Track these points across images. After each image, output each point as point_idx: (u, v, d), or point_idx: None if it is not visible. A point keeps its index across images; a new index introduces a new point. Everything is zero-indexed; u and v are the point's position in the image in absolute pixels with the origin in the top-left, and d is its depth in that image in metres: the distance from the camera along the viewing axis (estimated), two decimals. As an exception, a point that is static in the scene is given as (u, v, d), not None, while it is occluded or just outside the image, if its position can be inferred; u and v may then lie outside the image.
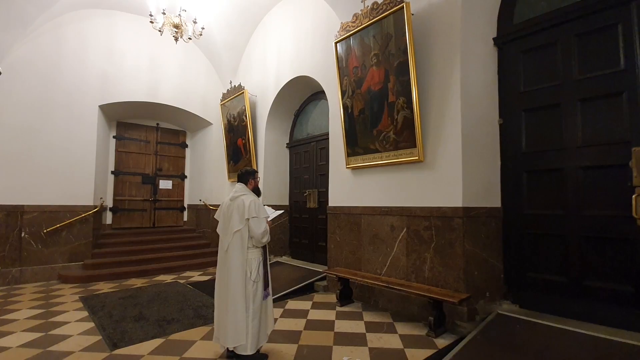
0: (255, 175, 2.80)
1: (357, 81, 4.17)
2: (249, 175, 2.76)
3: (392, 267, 3.80)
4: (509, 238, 3.43)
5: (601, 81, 2.89)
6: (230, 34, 6.71)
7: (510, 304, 3.36)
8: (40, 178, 5.34)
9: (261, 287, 2.56)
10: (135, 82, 6.42)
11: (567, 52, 3.08)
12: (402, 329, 3.24)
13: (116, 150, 7.09)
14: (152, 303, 4.08)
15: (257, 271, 2.52)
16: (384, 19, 3.74)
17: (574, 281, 2.99)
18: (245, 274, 2.49)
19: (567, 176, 3.05)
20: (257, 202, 2.62)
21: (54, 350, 2.78)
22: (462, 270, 3.18)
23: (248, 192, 2.68)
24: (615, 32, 2.83)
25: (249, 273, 2.49)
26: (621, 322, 2.70)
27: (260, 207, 2.60)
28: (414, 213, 3.61)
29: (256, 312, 2.49)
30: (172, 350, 2.78)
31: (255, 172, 2.82)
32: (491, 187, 3.49)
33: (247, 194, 2.65)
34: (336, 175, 4.72)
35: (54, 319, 3.56)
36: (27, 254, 5.18)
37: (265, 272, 2.61)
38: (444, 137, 3.41)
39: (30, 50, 5.30)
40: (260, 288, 2.54)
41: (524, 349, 2.53)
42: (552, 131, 3.17)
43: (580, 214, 2.97)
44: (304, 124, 6.35)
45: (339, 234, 4.54)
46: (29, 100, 5.28)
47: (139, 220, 7.28)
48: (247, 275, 2.49)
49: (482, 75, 3.51)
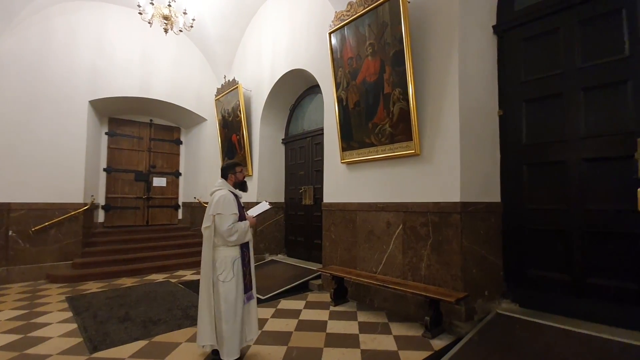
0: (236, 169, 2.62)
1: (352, 72, 4.03)
2: (228, 169, 2.60)
3: (388, 265, 3.66)
4: (508, 234, 3.29)
5: (605, 69, 2.74)
6: (224, 26, 6.56)
7: (509, 302, 3.23)
8: (28, 175, 5.20)
9: (238, 289, 2.40)
10: (127, 76, 6.28)
11: (570, 39, 2.94)
12: (398, 329, 3.11)
13: (108, 147, 6.94)
14: (140, 303, 3.95)
15: (230, 271, 2.37)
16: (379, 7, 3.59)
17: (577, 279, 2.85)
18: (214, 273, 2.37)
19: (570, 169, 2.91)
20: (226, 197, 2.45)
21: (30, 353, 2.65)
22: (460, 268, 3.04)
23: (225, 186, 2.55)
24: (620, 18, 2.69)
25: (219, 272, 2.36)
26: (626, 322, 2.56)
27: (227, 203, 2.43)
28: (411, 209, 3.47)
29: (230, 315, 2.33)
30: (154, 353, 2.64)
31: (236, 165, 2.64)
32: (490, 181, 3.35)
33: (222, 189, 2.52)
34: (331, 171, 4.58)
35: (36, 320, 3.42)
36: (14, 253, 5.04)
37: (245, 273, 2.45)
38: (441, 129, 3.27)
39: (16, 43, 5.14)
40: (234, 289, 2.38)
41: (524, 351, 2.39)
42: (554, 122, 3.03)
43: (583, 208, 2.83)
44: (300, 119, 6.21)
45: (334, 231, 4.40)
46: (15, 94, 5.13)
47: (132, 219, 7.14)
48: (217, 274, 2.36)
49: (481, 64, 3.37)
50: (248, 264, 2.52)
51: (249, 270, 2.51)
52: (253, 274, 2.57)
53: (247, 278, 2.47)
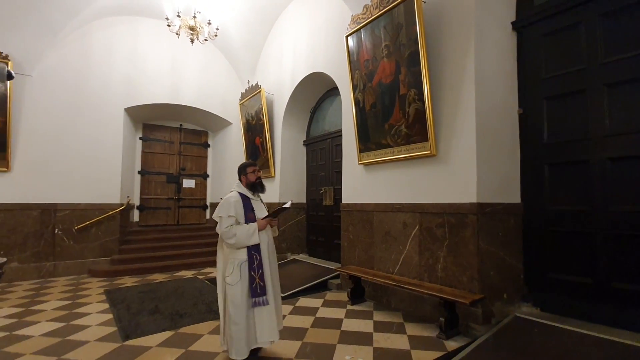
0: (247, 170, 2.58)
1: (368, 74, 4.07)
2: (240, 171, 2.62)
3: (405, 266, 3.67)
4: (529, 236, 3.20)
5: (629, 64, 2.62)
6: (248, 33, 6.80)
7: (530, 306, 3.14)
8: (71, 178, 5.69)
9: (243, 292, 2.36)
10: (158, 84, 6.68)
11: (592, 34, 2.82)
12: (413, 329, 3.12)
13: (142, 151, 7.41)
14: (169, 297, 4.21)
15: (237, 274, 2.36)
16: (394, 9, 3.61)
17: (601, 283, 2.73)
18: (223, 275, 2.42)
19: (593, 168, 2.79)
20: (227, 200, 2.47)
21: (71, 339, 2.94)
22: (476, 270, 3.00)
23: (237, 188, 2.57)
24: (647, 9, 2.55)
25: (227, 274, 2.39)
26: (656, 330, 2.43)
27: (225, 205, 2.43)
28: (427, 210, 3.47)
29: (237, 317, 2.32)
30: (178, 343, 2.85)
31: (247, 166, 2.61)
32: (510, 181, 3.27)
33: (232, 191, 2.55)
34: (349, 172, 4.64)
35: (77, 310, 3.77)
36: (60, 249, 5.54)
37: (252, 277, 2.38)
38: (457, 129, 3.24)
39: (59, 58, 5.64)
40: (239, 293, 2.35)
41: (540, 355, 2.34)
42: (576, 120, 2.92)
43: (607, 209, 2.71)
44: (320, 120, 6.31)
45: (352, 231, 4.46)
46: (58, 105, 5.63)
47: (164, 218, 7.57)
48: (225, 276, 2.40)
49: (500, 62, 3.30)
50: (258, 268, 2.41)
51: (261, 275, 2.41)
52: (268, 277, 2.46)
53: (255, 282, 2.38)
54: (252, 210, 2.51)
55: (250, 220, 2.47)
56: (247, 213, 2.48)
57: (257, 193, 2.64)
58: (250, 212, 2.49)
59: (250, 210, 2.50)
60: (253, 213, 2.51)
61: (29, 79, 5.35)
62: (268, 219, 2.53)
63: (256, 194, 2.64)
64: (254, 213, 2.51)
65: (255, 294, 2.37)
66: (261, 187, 2.66)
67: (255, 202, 2.58)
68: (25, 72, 5.27)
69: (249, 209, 2.49)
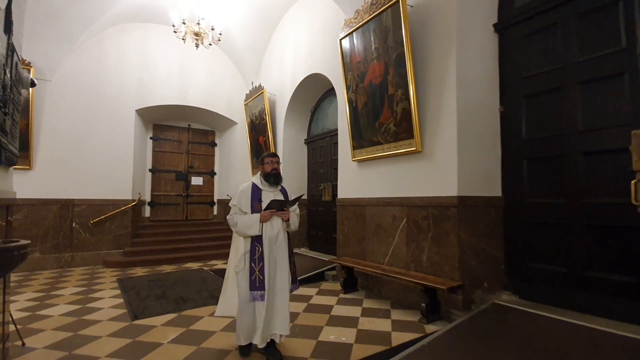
0: (264, 160, 2.57)
1: (360, 75, 4.27)
2: (258, 162, 2.64)
3: (394, 257, 3.87)
4: (509, 227, 3.36)
5: (602, 62, 2.75)
6: (251, 36, 7.08)
7: (510, 294, 3.30)
8: (87, 175, 6.09)
9: (245, 283, 2.38)
10: (167, 87, 7.03)
11: (568, 34, 2.96)
12: (398, 315, 3.33)
13: (153, 150, 7.80)
14: (175, 285, 4.53)
15: (242, 263, 2.43)
16: (382, 13, 3.80)
17: (576, 272, 2.88)
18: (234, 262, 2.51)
19: (568, 163, 2.94)
20: (239, 189, 2.54)
21: (86, 318, 3.27)
22: (457, 260, 3.18)
23: (254, 179, 2.60)
24: (616, 10, 2.68)
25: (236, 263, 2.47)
26: (623, 315, 2.57)
27: (236, 194, 2.51)
28: (414, 203, 3.66)
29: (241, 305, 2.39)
30: (181, 323, 3.13)
31: (266, 157, 2.59)
32: (491, 176, 3.43)
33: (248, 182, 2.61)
34: (344, 168, 4.86)
35: (92, 295, 4.12)
36: (77, 241, 5.94)
37: (252, 268, 2.37)
38: (440, 127, 3.42)
39: (76, 64, 6.05)
40: (244, 283, 2.39)
41: (508, 336, 2.52)
42: (552, 116, 3.06)
43: (581, 201, 2.85)
44: (320, 120, 6.54)
45: (347, 224, 4.68)
46: (76, 108, 6.03)
47: (174, 214, 7.95)
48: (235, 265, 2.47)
49: (481, 63, 3.46)
50: (259, 260, 2.38)
51: (262, 268, 2.37)
52: (269, 272, 2.40)
53: (255, 275, 2.36)
54: (259, 201, 2.47)
55: (256, 211, 2.44)
56: (254, 203, 2.46)
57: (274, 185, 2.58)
58: (257, 203, 2.46)
59: (257, 200, 2.47)
60: (260, 204, 2.46)
61: (49, 83, 5.76)
62: (270, 210, 2.44)
63: (274, 186, 2.58)
64: (260, 204, 2.46)
65: (254, 287, 2.35)
66: (275, 178, 2.56)
67: (266, 194, 2.52)
68: (45, 78, 5.68)
69: (256, 199, 2.47)
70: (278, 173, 2.57)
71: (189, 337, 2.81)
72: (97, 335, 2.86)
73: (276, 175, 2.56)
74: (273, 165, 2.55)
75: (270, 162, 2.55)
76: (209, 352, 2.55)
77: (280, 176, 2.60)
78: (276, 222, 2.49)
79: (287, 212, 2.52)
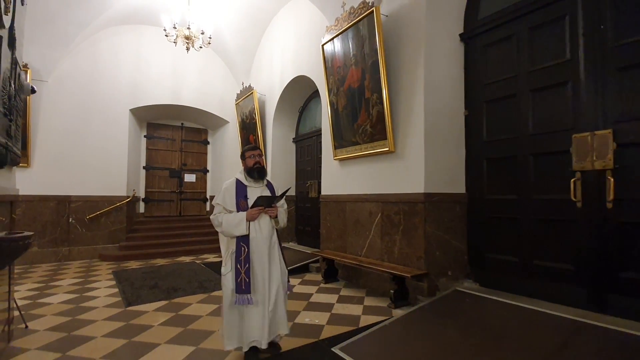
0: (245, 154, 2.44)
1: (340, 80, 4.55)
2: (241, 156, 2.51)
3: (370, 249, 4.18)
4: (472, 221, 3.67)
5: (549, 72, 3.05)
6: (242, 38, 7.32)
7: (471, 282, 3.62)
8: (83, 173, 6.34)
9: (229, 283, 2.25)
10: (160, 87, 7.27)
11: (521, 45, 3.26)
12: (370, 302, 3.64)
13: (147, 148, 8.04)
14: (168, 277, 4.82)
15: (229, 264, 2.29)
16: (359, 22, 4.07)
17: (525, 261, 3.20)
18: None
19: (520, 163, 3.25)
20: (223, 186, 2.40)
21: (83, 305, 3.56)
22: (423, 251, 3.49)
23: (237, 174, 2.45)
24: (563, 23, 2.97)
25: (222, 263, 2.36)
26: (562, 298, 2.89)
27: (222, 191, 2.36)
28: (387, 199, 3.96)
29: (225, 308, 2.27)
30: (171, 309, 3.43)
31: (247, 150, 2.46)
32: (456, 174, 3.74)
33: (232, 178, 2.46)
34: (327, 166, 5.15)
35: (89, 285, 4.40)
36: (74, 236, 6.21)
37: (237, 270, 2.22)
38: (411, 129, 3.72)
39: (71, 65, 6.27)
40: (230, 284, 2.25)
41: (459, 316, 2.84)
42: (508, 121, 3.36)
43: (531, 198, 3.17)
44: (308, 119, 6.81)
45: (329, 219, 4.98)
46: (71, 107, 6.27)
47: (167, 210, 8.22)
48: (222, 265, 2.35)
49: (448, 70, 3.75)
50: (245, 261, 2.23)
51: (247, 270, 2.22)
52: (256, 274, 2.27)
53: (241, 277, 2.20)
54: (244, 198, 2.32)
55: (242, 209, 2.29)
56: (239, 201, 2.31)
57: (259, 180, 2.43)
58: (243, 200, 2.31)
59: (242, 197, 2.32)
60: (246, 201, 2.32)
61: (46, 84, 5.98)
62: (257, 208, 2.29)
63: (259, 181, 2.43)
64: (246, 201, 2.32)
65: (240, 290, 2.20)
66: (259, 172, 2.40)
67: (252, 190, 2.37)
68: (42, 79, 5.91)
69: (241, 196, 2.32)
70: (262, 167, 2.42)
71: (178, 321, 3.11)
72: (93, 319, 3.15)
73: (260, 169, 2.41)
74: (255, 159, 2.40)
75: (252, 156, 2.40)
76: (195, 333, 2.85)
77: (264, 170, 2.46)
78: (264, 220, 2.36)
79: (274, 209, 2.39)
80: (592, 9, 2.79)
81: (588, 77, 2.80)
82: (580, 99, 2.84)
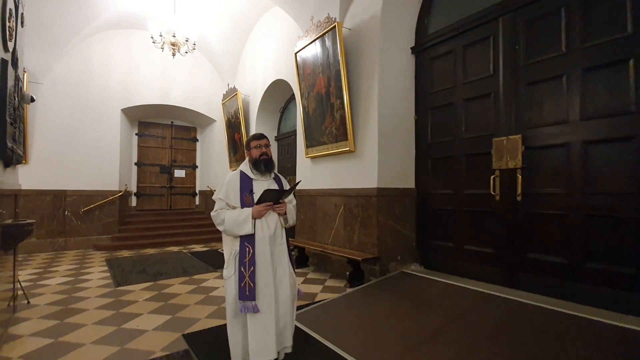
0: (251, 144, 2.17)
1: (310, 85, 5.04)
2: (245, 147, 2.25)
3: (335, 238, 4.70)
4: (419, 213, 4.20)
5: (478, 84, 3.56)
6: (227, 42, 7.75)
7: (418, 265, 4.16)
8: (78, 168, 6.80)
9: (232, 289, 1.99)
10: (150, 88, 7.70)
11: (459, 60, 3.76)
12: (331, 283, 4.17)
13: (138, 145, 8.49)
14: (155, 264, 5.32)
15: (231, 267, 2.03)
16: (325, 35, 4.55)
17: (459, 246, 3.74)
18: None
19: (455, 162, 3.77)
20: (226, 179, 2.14)
21: (79, 286, 4.06)
22: (376, 238, 4.02)
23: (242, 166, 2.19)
24: (488, 43, 3.48)
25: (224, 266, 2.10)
26: (486, 277, 3.44)
27: (224, 185, 2.10)
28: (349, 194, 4.47)
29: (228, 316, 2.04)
30: (155, 288, 3.94)
31: (252, 140, 2.19)
32: (407, 171, 4.26)
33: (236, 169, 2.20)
34: (301, 163, 5.65)
35: (83, 270, 4.90)
36: (70, 227, 6.68)
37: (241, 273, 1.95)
38: (367, 131, 4.22)
39: (65, 68, 6.69)
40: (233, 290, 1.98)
41: (398, 291, 3.38)
42: (447, 125, 3.88)
43: (462, 192, 3.70)
44: (288, 119, 7.29)
45: (302, 212, 5.49)
46: (66, 107, 6.71)
47: (158, 204, 8.69)
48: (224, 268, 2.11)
49: (401, 79, 4.24)
50: (250, 264, 1.96)
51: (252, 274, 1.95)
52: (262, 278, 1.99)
53: (245, 281, 1.93)
54: (250, 193, 2.07)
55: (247, 204, 2.05)
56: (244, 195, 2.06)
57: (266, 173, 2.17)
58: (248, 195, 2.06)
59: (248, 192, 2.07)
60: (251, 196, 2.07)
61: (41, 86, 6.41)
62: (265, 204, 2.03)
63: (266, 174, 2.17)
64: (252, 196, 2.06)
65: (243, 296, 1.93)
66: (265, 165, 2.14)
67: (259, 184, 2.11)
68: (38, 81, 6.33)
69: (246, 190, 2.07)
70: (269, 158, 2.16)
71: (160, 297, 3.62)
72: (87, 296, 3.66)
73: (267, 161, 2.15)
74: (261, 150, 2.14)
75: (258, 146, 2.14)
76: (174, 306, 3.36)
77: (272, 161, 2.18)
78: (272, 218, 2.09)
79: (283, 205, 2.12)
80: (510, 32, 3.30)
81: (505, 90, 3.31)
82: (499, 108, 3.36)
